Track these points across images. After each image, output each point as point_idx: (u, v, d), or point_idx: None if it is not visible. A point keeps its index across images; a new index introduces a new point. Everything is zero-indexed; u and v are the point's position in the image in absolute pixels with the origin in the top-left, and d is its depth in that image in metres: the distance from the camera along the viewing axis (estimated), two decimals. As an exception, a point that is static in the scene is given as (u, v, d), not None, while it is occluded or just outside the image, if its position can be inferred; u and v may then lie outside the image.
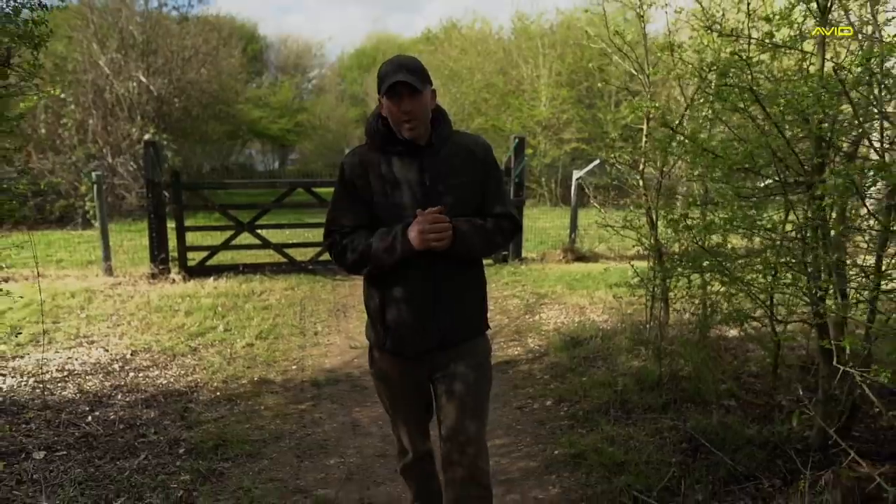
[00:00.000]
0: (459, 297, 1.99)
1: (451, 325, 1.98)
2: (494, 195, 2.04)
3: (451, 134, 2.00)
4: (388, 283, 1.95)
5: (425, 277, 1.93)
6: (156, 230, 6.89)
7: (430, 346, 1.97)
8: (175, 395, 3.87)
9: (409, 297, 1.94)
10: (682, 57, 3.20)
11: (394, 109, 1.86)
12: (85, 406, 3.64)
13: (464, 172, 1.97)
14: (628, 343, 4.33)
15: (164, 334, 5.09)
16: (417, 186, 1.91)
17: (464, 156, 1.99)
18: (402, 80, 1.80)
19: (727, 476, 2.76)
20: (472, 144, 2.03)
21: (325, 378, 4.18)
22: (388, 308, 1.97)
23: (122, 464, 2.99)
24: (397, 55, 1.95)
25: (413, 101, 1.84)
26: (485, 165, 2.02)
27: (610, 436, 3.20)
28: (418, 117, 1.87)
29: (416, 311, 1.95)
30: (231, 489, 2.79)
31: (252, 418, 3.54)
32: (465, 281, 2.01)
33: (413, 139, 1.90)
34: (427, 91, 1.88)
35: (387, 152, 1.93)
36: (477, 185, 1.99)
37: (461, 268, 1.99)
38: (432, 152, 1.94)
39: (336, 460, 3.09)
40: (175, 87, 13.06)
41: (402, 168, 1.92)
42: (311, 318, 5.68)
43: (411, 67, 1.85)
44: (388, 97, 1.85)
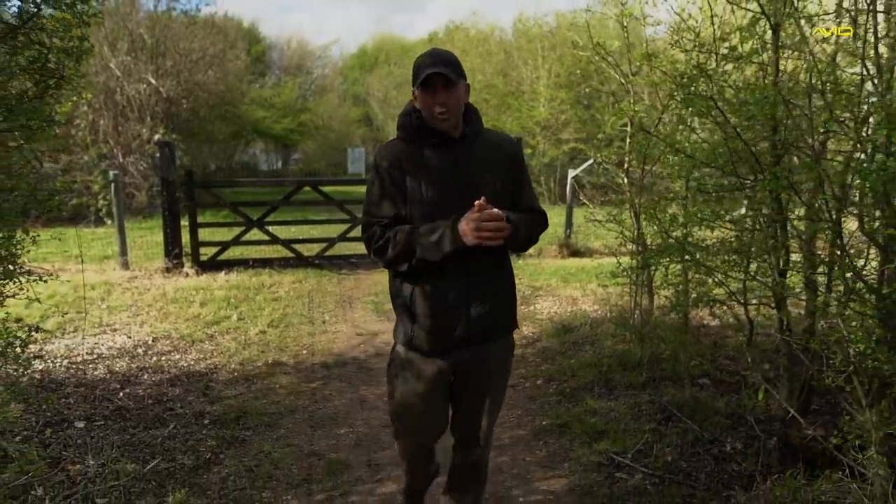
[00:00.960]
0: (492, 294, 1.99)
1: (482, 322, 1.97)
2: (527, 192, 2.06)
3: (482, 130, 2.02)
4: (420, 278, 1.94)
5: (458, 273, 1.92)
6: (170, 226, 7.24)
7: (460, 342, 1.96)
8: (196, 375, 4.22)
9: (442, 292, 1.93)
10: (657, 66, 3.53)
11: (428, 101, 1.86)
12: (115, 384, 3.99)
13: (496, 167, 1.98)
14: (614, 329, 4.67)
15: (182, 323, 5.43)
16: (452, 177, 1.92)
17: (495, 151, 2.00)
18: (437, 72, 1.82)
19: (694, 440, 3.10)
20: (502, 141, 2.06)
21: (334, 361, 4.53)
22: (419, 303, 1.95)
23: (154, 432, 3.33)
24: (433, 48, 1.98)
25: (447, 93, 1.85)
26: (515, 162, 2.04)
27: (593, 409, 3.54)
28: (452, 109, 1.87)
29: (447, 307, 1.93)
30: (253, 453, 3.14)
31: (268, 395, 3.88)
32: (497, 278, 2.02)
33: (446, 131, 1.91)
34: (461, 84, 1.89)
35: (421, 144, 1.94)
36: (508, 180, 2.00)
37: (494, 265, 2.00)
38: (465, 145, 1.95)
39: (346, 430, 3.44)
40: (183, 89, 13.42)
41: (437, 159, 1.93)
42: (318, 309, 6.02)
43: (446, 60, 1.86)
44: (423, 89, 1.86)
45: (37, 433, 3.21)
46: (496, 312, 2.00)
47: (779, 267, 2.98)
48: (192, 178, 7.46)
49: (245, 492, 2.78)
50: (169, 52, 12.94)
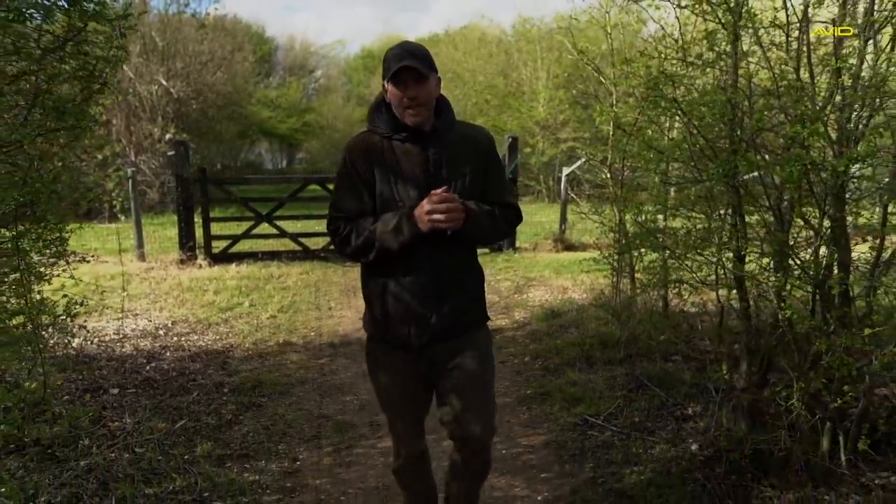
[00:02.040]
0: (462, 287, 1.98)
1: (454, 315, 1.95)
2: (498, 185, 2.03)
3: (454, 123, 1.99)
4: (390, 271, 1.93)
5: (429, 266, 1.91)
6: (184, 220, 7.65)
7: (433, 337, 1.94)
8: (214, 353, 4.62)
9: (412, 286, 1.91)
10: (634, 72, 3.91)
11: (398, 95, 1.84)
12: (142, 359, 4.40)
13: (467, 161, 1.95)
14: (598, 312, 5.05)
15: (198, 308, 5.84)
16: (421, 172, 1.90)
17: (467, 144, 1.97)
18: (407, 66, 1.79)
19: (660, 405, 3.49)
20: (475, 134, 2.03)
21: (340, 341, 4.93)
22: (390, 298, 1.93)
23: (180, 399, 3.74)
24: (404, 41, 1.93)
25: (418, 87, 1.82)
26: (487, 155, 2.01)
27: (573, 380, 3.93)
28: (423, 103, 1.85)
29: (419, 301, 1.91)
30: (269, 415, 3.54)
31: (280, 369, 4.28)
32: (467, 271, 2.01)
33: (416, 125, 1.88)
34: (432, 77, 1.88)
35: (390, 138, 1.92)
36: (480, 174, 1.97)
37: (463, 258, 1.99)
38: (436, 138, 1.92)
39: (351, 397, 3.84)
40: (192, 90, 13.86)
41: (406, 154, 1.90)
42: (324, 297, 6.42)
43: (417, 53, 1.84)
44: (394, 82, 1.83)
45: (77, 397, 3.62)
46: (466, 307, 1.99)
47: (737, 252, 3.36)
48: (205, 175, 7.88)
49: (263, 445, 3.18)
50: (179, 55, 13.37)
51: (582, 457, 3.04)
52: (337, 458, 3.08)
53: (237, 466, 2.95)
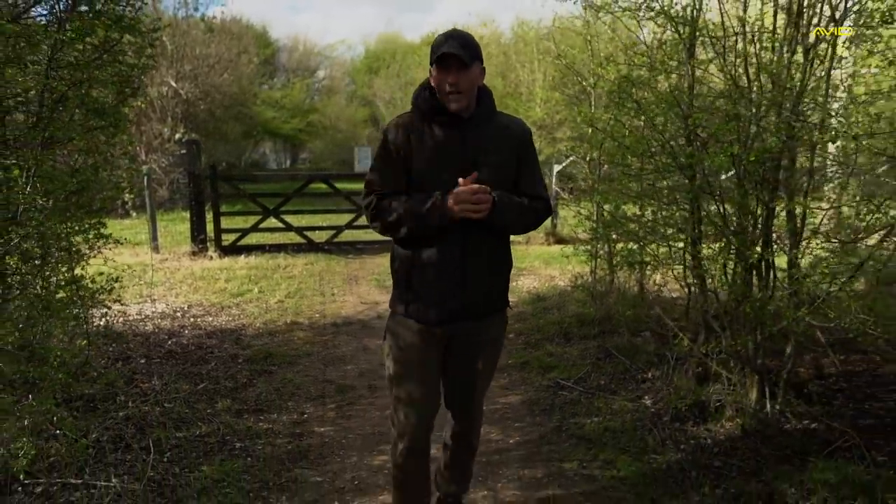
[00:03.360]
0: (488, 270, 2.02)
1: (477, 296, 2.00)
2: (531, 177, 2.07)
3: (494, 113, 2.04)
4: (419, 249, 1.98)
5: (456, 247, 1.96)
6: (196, 215, 8.13)
7: (455, 315, 1.99)
8: (228, 331, 5.10)
9: (438, 264, 1.96)
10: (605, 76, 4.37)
11: (441, 79, 1.91)
12: (163, 335, 4.87)
13: (502, 150, 2.00)
14: (579, 295, 5.51)
15: (211, 294, 6.32)
16: (457, 157, 1.95)
17: (504, 134, 2.02)
18: (452, 52, 1.86)
19: (624, 370, 3.95)
20: (512, 125, 2.07)
21: (342, 321, 5.40)
22: (416, 274, 1.99)
23: (200, 367, 4.21)
24: (453, 28, 2.02)
25: (460, 74, 1.88)
26: (522, 147, 2.05)
27: (550, 352, 4.39)
28: (464, 90, 1.90)
29: (444, 279, 1.97)
30: (279, 379, 4.01)
31: (288, 344, 4.75)
32: (494, 255, 2.04)
33: (457, 111, 1.93)
34: (475, 66, 1.92)
35: (430, 121, 1.97)
36: (513, 164, 2.02)
37: (492, 242, 2.02)
38: (474, 125, 1.98)
39: (352, 367, 4.31)
40: (200, 91, 14.37)
41: (444, 138, 1.96)
42: (328, 285, 6.89)
43: (463, 41, 1.90)
44: (438, 67, 1.90)
45: (110, 364, 4.09)
46: (491, 290, 2.04)
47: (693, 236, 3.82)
48: (215, 172, 8.36)
49: (274, 402, 3.65)
50: (187, 57, 13.87)
51: (551, 411, 3.50)
52: (339, 412, 3.55)
53: (253, 418, 3.42)
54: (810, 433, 3.02)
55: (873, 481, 2.51)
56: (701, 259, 3.88)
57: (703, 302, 3.88)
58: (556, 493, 2.67)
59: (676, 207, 3.89)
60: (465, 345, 2.08)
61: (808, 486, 2.53)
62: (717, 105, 3.48)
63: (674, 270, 4.10)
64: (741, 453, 2.88)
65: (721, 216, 3.37)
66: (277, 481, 2.76)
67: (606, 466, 2.86)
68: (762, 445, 2.92)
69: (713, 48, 3.55)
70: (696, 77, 3.78)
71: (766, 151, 2.78)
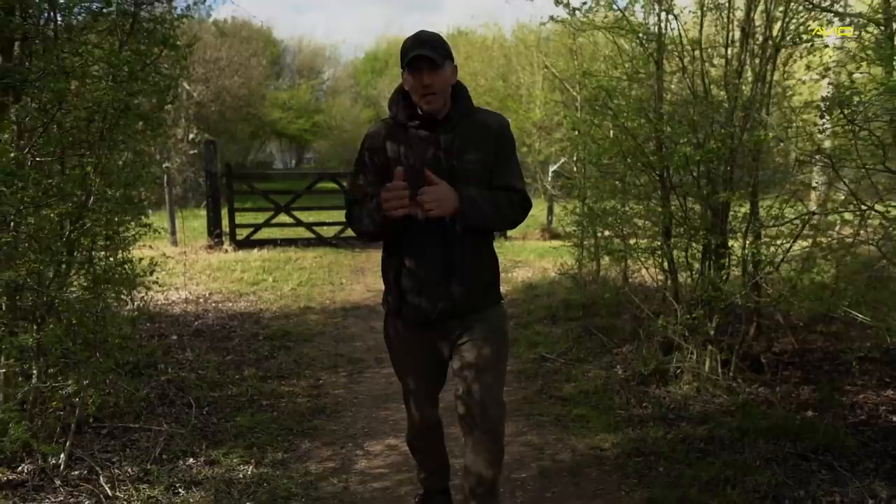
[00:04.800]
0: (472, 267, 2.02)
1: (463, 294, 2.00)
2: (504, 169, 2.04)
3: (470, 110, 2.03)
4: (404, 251, 2.01)
5: (439, 246, 1.98)
6: (212, 210, 8.68)
7: (444, 314, 2.01)
8: (248, 314, 5.63)
9: (423, 265, 1.99)
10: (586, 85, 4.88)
11: (414, 83, 1.91)
12: (190, 318, 5.40)
13: (479, 148, 1.98)
14: (567, 282, 6.03)
15: (228, 283, 6.85)
16: (431, 159, 1.95)
17: (480, 131, 2.00)
18: (422, 54, 1.86)
19: (601, 346, 4.46)
20: (489, 120, 2.05)
21: (351, 306, 5.93)
22: (403, 276, 2.02)
23: (225, 343, 4.74)
24: (420, 30, 1.97)
25: (433, 75, 1.88)
26: (498, 140, 2.02)
27: (538, 331, 4.91)
28: (437, 91, 1.91)
29: (429, 280, 1.99)
30: (296, 353, 4.53)
31: (303, 325, 5.28)
32: (477, 252, 2.05)
33: (431, 112, 1.94)
34: (447, 66, 1.93)
35: (406, 125, 1.98)
36: (490, 159, 2.01)
37: (475, 241, 2.03)
38: (449, 126, 1.97)
39: (360, 343, 4.83)
40: (211, 93, 14.92)
41: (419, 140, 1.97)
42: (336, 276, 7.42)
43: (433, 42, 1.90)
44: (409, 70, 1.90)
45: (147, 340, 4.62)
46: (478, 286, 2.04)
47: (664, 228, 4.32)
48: (230, 170, 8.90)
49: (293, 370, 4.17)
50: (200, 61, 14.41)
51: (535, 378, 4.02)
52: (350, 379, 4.08)
53: (276, 382, 3.95)
54: (755, 395, 3.53)
55: (800, 425, 3.03)
56: (671, 248, 4.39)
57: (672, 285, 4.40)
58: (533, 438, 3.18)
59: (648, 202, 4.41)
60: (463, 343, 2.05)
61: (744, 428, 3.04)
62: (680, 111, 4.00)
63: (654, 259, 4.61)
64: (693, 409, 3.39)
65: (682, 209, 3.88)
66: (300, 429, 3.29)
67: (578, 419, 3.38)
68: (711, 403, 3.43)
69: (678, 62, 4.07)
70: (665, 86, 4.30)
71: (710, 152, 3.29)
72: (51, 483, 2.60)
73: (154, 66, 3.98)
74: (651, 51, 4.13)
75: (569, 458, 2.98)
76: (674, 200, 4.10)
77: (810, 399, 3.48)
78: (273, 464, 2.89)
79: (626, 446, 3.02)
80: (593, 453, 3.01)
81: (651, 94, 4.32)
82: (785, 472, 2.68)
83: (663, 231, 4.27)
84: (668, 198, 4.22)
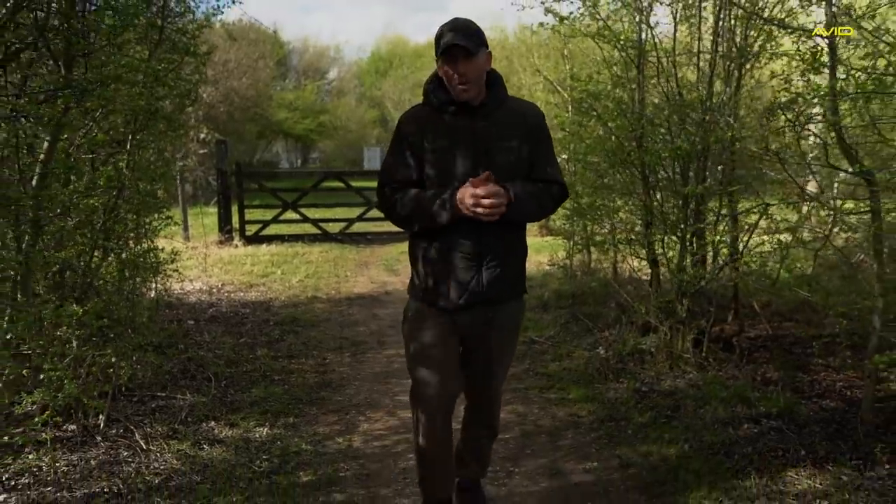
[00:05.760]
0: (503, 256, 2.01)
1: (493, 283, 1.99)
2: (545, 160, 2.05)
3: (505, 98, 2.03)
4: (435, 237, 2.00)
5: (472, 235, 1.96)
6: (223, 207, 9.06)
7: (471, 301, 2.00)
8: (258, 303, 6.00)
9: (455, 252, 1.97)
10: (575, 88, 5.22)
11: (449, 71, 1.90)
12: (205, 305, 5.78)
13: (515, 136, 1.98)
14: (558, 273, 6.38)
15: (239, 276, 7.23)
16: (469, 146, 1.95)
17: (516, 120, 2.00)
18: (457, 43, 1.85)
19: (586, 329, 4.81)
20: (524, 109, 2.06)
21: (355, 296, 6.30)
22: (433, 260, 2.01)
23: (239, 328, 5.11)
24: (455, 17, 1.96)
25: (467, 64, 1.88)
26: (535, 130, 2.03)
27: (529, 318, 5.25)
28: (472, 79, 1.90)
29: (460, 265, 1.98)
30: (304, 336, 4.90)
31: (310, 312, 5.65)
32: (510, 241, 2.04)
33: (467, 100, 1.94)
34: (482, 54, 1.91)
35: (441, 112, 1.98)
36: (526, 149, 2.00)
37: (507, 228, 2.01)
38: (485, 113, 1.97)
39: (364, 328, 5.20)
40: (220, 94, 15.32)
41: (455, 127, 1.96)
42: (342, 269, 7.79)
43: (467, 31, 1.89)
44: (444, 59, 1.90)
45: (166, 324, 5.00)
46: (507, 275, 2.03)
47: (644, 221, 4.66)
48: (240, 169, 9.28)
49: (302, 351, 4.54)
50: (209, 63, 14.82)
51: (523, 358, 4.37)
52: (354, 358, 4.44)
53: (286, 361, 4.31)
54: (724, 372, 3.87)
55: (758, 396, 3.37)
56: (652, 239, 4.74)
57: (653, 273, 4.75)
58: (518, 407, 3.54)
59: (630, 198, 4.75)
60: (483, 331, 2.08)
61: (707, 397, 3.39)
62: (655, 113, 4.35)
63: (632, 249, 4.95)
64: (664, 383, 3.74)
65: (659, 203, 4.23)
66: (308, 399, 3.65)
67: (560, 392, 3.73)
68: (682, 378, 3.78)
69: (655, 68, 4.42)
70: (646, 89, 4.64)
71: (678, 150, 3.64)
72: (93, 439, 2.97)
73: (176, 73, 4.38)
74: (632, 57, 4.48)
75: (549, 423, 3.33)
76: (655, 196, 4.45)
77: (774, 377, 3.82)
78: (285, 426, 3.25)
79: (600, 413, 3.38)
80: (571, 419, 3.36)
81: (632, 96, 4.68)
82: (737, 433, 3.03)
83: (644, 224, 4.62)
84: (649, 193, 4.57)
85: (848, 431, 2.97)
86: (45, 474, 2.64)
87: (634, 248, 4.79)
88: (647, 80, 4.63)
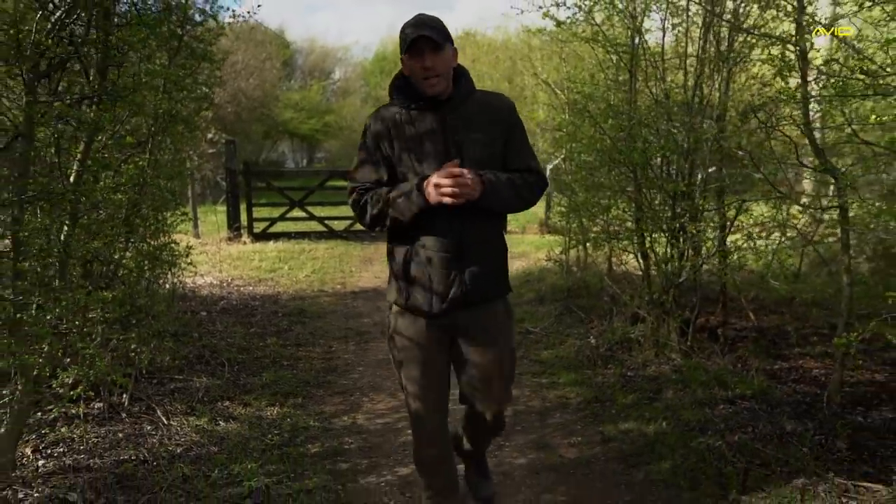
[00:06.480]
0: (483, 255, 1.98)
1: (474, 283, 1.96)
2: (519, 150, 2.01)
3: (472, 90, 2.00)
4: (413, 239, 1.96)
5: (451, 235, 1.92)
6: (232, 205, 9.34)
7: (454, 303, 1.95)
8: (267, 296, 6.27)
9: (434, 253, 1.93)
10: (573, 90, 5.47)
11: (416, 66, 1.88)
12: (216, 298, 6.05)
13: (485, 128, 1.96)
14: (555, 268, 6.62)
15: (248, 271, 7.50)
16: (439, 141, 1.92)
17: (486, 111, 1.98)
18: (424, 36, 1.83)
19: (579, 320, 5.05)
20: (494, 101, 2.03)
21: (359, 290, 6.56)
22: (412, 264, 1.97)
23: (249, 319, 5.37)
24: (419, 13, 1.94)
25: (435, 57, 1.86)
26: (507, 121, 2.00)
27: (525, 310, 5.51)
28: (440, 73, 1.88)
29: (440, 268, 1.93)
30: (312, 326, 5.17)
31: (317, 305, 5.91)
32: (489, 240, 2.01)
33: (435, 95, 1.91)
34: (448, 47, 1.90)
35: (408, 108, 1.95)
36: (499, 141, 1.98)
37: (486, 227, 1.99)
38: (453, 107, 1.94)
39: (368, 320, 5.45)
40: (228, 94, 15.61)
41: (424, 123, 1.93)
42: (347, 265, 8.06)
43: (432, 24, 1.88)
44: (411, 54, 1.87)
45: (181, 315, 5.27)
46: (489, 275, 2.00)
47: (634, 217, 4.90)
48: (248, 168, 9.56)
49: (309, 340, 4.80)
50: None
51: (518, 347, 4.59)
52: (358, 347, 4.70)
53: (294, 349, 4.58)
54: (707, 360, 4.11)
55: (736, 380, 3.61)
56: (643, 235, 4.97)
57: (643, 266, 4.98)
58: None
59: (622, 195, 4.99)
60: (471, 335, 2.04)
61: (687, 381, 3.63)
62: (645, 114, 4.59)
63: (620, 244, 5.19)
64: (650, 369, 3.98)
65: (647, 199, 4.47)
66: (315, 382, 3.91)
67: (551, 377, 3.98)
68: (667, 364, 4.02)
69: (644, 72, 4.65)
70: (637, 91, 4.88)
71: (662, 149, 3.87)
72: (118, 415, 3.24)
73: (194, 78, 4.65)
74: (625, 61, 4.72)
75: (539, 404, 3.58)
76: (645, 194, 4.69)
77: (754, 364, 4.05)
78: (294, 405, 3.52)
79: (587, 395, 3.63)
80: (560, 401, 3.61)
81: (625, 98, 4.92)
82: (713, 412, 3.27)
83: (634, 220, 4.86)
84: (640, 190, 4.81)
85: (815, 411, 3.21)
86: (78, 444, 2.90)
87: (626, 244, 5.02)
88: (640, 83, 4.88)
